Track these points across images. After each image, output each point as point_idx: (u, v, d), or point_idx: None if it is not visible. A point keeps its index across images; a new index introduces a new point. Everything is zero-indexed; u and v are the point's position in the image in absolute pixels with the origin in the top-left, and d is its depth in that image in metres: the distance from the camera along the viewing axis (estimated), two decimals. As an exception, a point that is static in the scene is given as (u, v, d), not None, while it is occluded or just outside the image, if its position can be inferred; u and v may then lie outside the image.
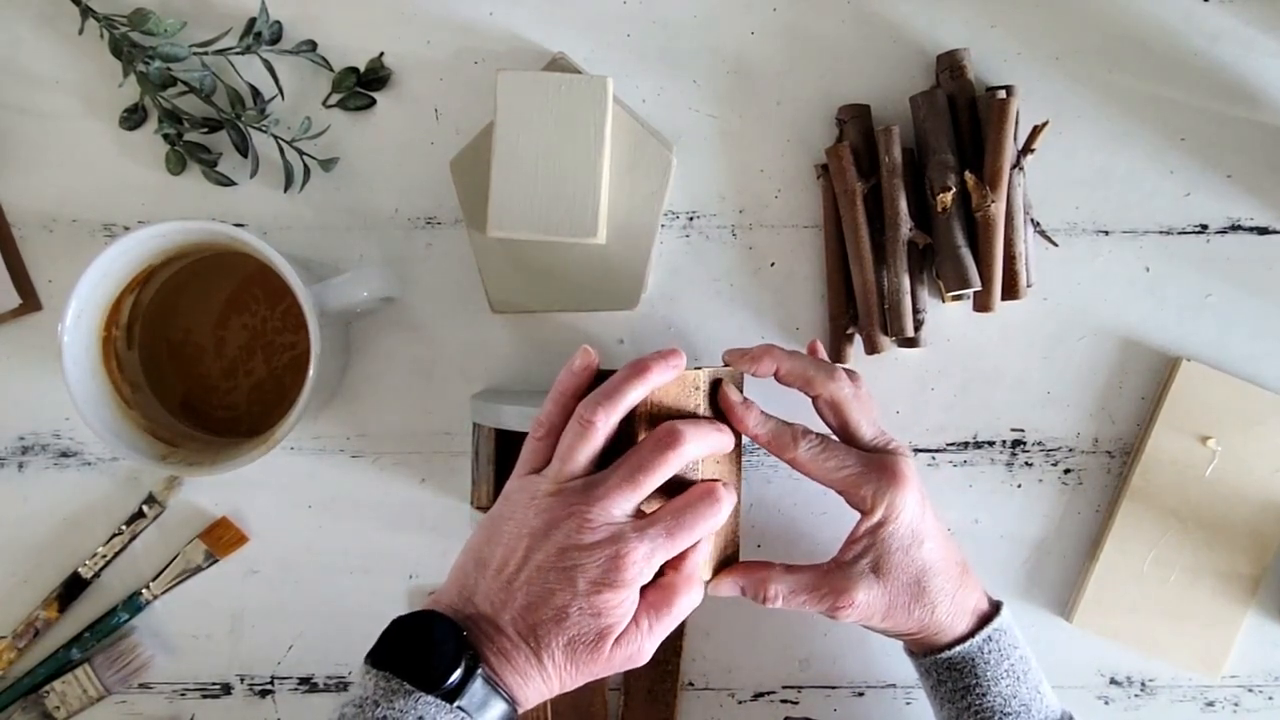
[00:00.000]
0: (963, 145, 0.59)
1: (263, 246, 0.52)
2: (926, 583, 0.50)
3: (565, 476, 0.46)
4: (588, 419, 0.45)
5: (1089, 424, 0.62)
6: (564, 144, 0.54)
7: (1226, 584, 0.61)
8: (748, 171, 0.61)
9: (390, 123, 0.61)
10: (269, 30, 0.59)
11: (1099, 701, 0.63)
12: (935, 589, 0.50)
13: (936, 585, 0.50)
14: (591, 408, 0.46)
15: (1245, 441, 0.60)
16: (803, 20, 0.61)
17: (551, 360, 0.62)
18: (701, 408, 0.50)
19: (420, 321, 0.62)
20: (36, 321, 0.61)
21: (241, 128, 0.59)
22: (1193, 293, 0.62)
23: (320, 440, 0.62)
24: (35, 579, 0.62)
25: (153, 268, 0.57)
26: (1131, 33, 0.61)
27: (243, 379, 0.61)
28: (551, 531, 0.44)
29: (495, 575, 0.45)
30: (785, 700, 0.63)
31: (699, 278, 0.62)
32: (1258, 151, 0.61)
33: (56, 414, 0.62)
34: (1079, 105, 0.61)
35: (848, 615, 0.50)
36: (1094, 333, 0.62)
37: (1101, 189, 0.61)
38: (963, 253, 0.58)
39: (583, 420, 0.46)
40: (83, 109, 0.61)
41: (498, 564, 0.45)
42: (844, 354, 0.61)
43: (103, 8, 0.59)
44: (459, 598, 0.46)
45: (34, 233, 0.61)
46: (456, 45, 0.61)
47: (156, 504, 0.61)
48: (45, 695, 0.61)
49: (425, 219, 0.62)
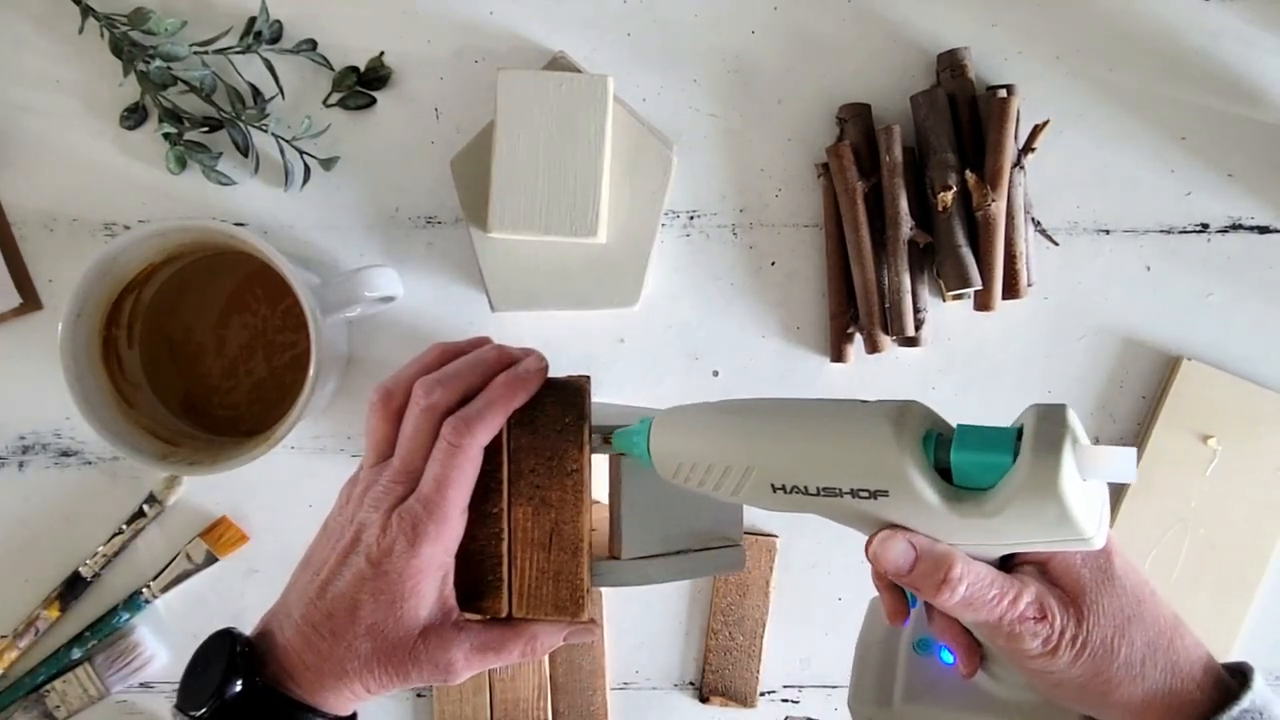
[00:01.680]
0: (963, 144, 0.59)
1: (263, 246, 0.52)
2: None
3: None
4: (455, 442, 0.42)
5: (1090, 423, 0.62)
6: (564, 143, 0.54)
7: (1227, 583, 0.61)
8: (748, 170, 0.61)
9: (390, 122, 0.61)
10: (269, 29, 0.59)
11: (1100, 701, 0.63)
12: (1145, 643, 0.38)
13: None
14: (461, 430, 0.42)
15: (1246, 441, 0.60)
16: (803, 19, 0.61)
17: (552, 359, 0.62)
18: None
19: (420, 321, 0.62)
20: (37, 321, 0.61)
21: (242, 127, 0.59)
22: (1193, 292, 0.62)
23: (320, 440, 0.62)
24: (36, 578, 0.62)
25: (153, 267, 0.57)
26: (1132, 31, 0.61)
27: (243, 378, 0.61)
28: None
29: (313, 576, 0.43)
30: (785, 700, 0.63)
31: (699, 277, 0.62)
32: (1259, 150, 0.61)
33: (57, 413, 0.62)
34: (1080, 104, 0.61)
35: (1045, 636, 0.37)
36: (1095, 332, 0.62)
37: (1102, 188, 0.61)
38: (963, 252, 0.58)
39: (451, 442, 0.42)
40: (83, 108, 0.61)
41: (315, 564, 0.44)
42: (845, 353, 0.61)
43: (103, 7, 0.59)
44: (281, 601, 0.44)
45: (34, 232, 0.61)
46: (457, 44, 0.61)
47: (157, 503, 0.61)
48: (46, 694, 0.61)
49: (426, 218, 0.62)
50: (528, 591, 0.44)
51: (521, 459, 0.44)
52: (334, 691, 0.42)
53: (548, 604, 0.44)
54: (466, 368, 0.44)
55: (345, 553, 0.42)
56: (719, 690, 0.62)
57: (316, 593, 0.42)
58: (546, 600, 0.44)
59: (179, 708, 0.41)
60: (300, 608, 0.42)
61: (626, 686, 0.63)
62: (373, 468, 0.44)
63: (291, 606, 0.43)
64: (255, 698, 0.41)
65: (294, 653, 0.42)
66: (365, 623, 0.41)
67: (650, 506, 0.46)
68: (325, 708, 0.42)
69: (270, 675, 0.41)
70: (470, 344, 0.47)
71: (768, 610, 0.62)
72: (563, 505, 0.43)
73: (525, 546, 0.44)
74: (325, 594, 0.42)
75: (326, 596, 0.42)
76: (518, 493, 0.44)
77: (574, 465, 0.43)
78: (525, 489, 0.44)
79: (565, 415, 0.44)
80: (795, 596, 0.63)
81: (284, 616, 0.43)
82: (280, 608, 0.44)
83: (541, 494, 0.43)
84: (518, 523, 0.44)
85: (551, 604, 0.44)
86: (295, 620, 0.42)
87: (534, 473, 0.44)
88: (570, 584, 0.43)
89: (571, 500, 0.43)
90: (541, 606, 0.44)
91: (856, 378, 0.62)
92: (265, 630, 0.43)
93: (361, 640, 0.41)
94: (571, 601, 0.43)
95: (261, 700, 0.41)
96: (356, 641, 0.41)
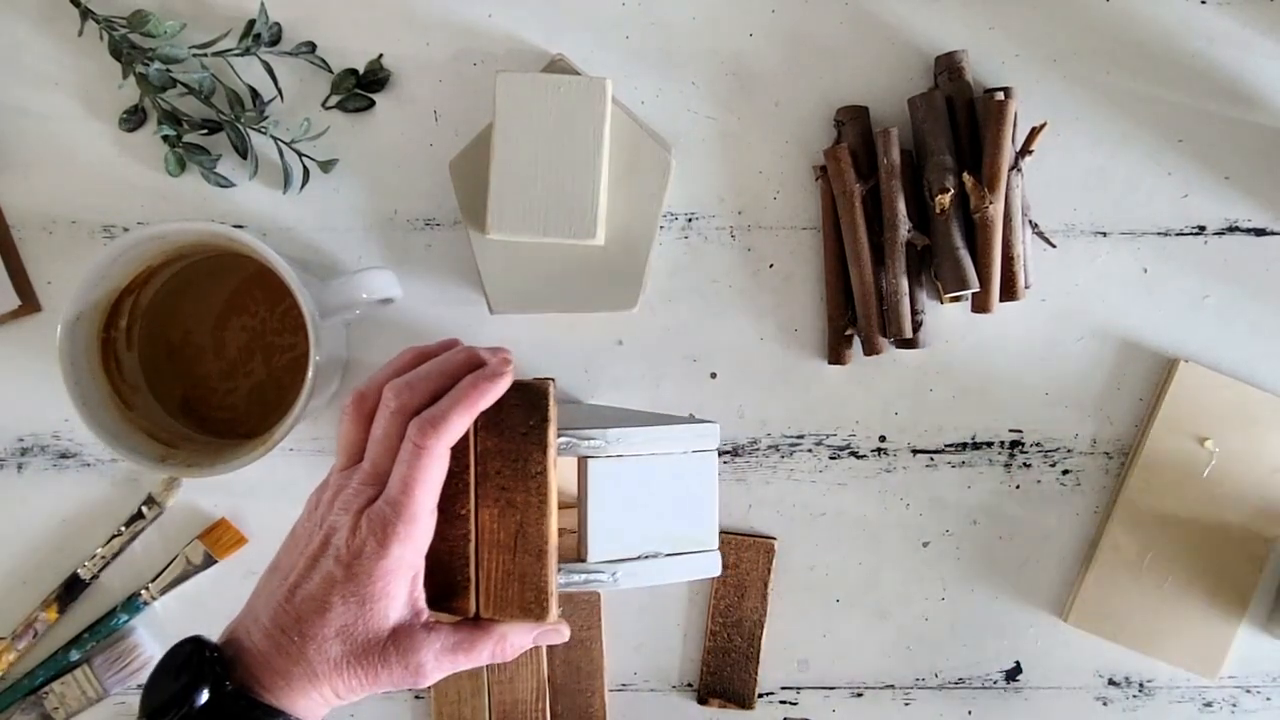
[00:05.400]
0: (961, 147, 0.59)
1: (262, 248, 0.52)
2: None
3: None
4: (419, 443, 0.41)
5: (1087, 425, 0.62)
6: (563, 145, 0.54)
7: (1224, 585, 0.61)
8: (746, 173, 0.62)
9: (389, 124, 0.61)
10: (268, 32, 0.59)
11: (1097, 702, 0.63)
12: None
13: None
14: (426, 431, 0.42)
15: (1243, 442, 0.60)
16: (801, 22, 0.61)
17: (550, 361, 0.62)
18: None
19: (420, 322, 0.62)
20: (36, 323, 0.62)
21: (241, 129, 0.60)
22: (1190, 294, 0.62)
23: (319, 441, 0.62)
24: (34, 580, 0.62)
25: (152, 269, 0.57)
26: (1129, 34, 0.61)
27: (242, 380, 0.61)
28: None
29: (281, 582, 0.43)
30: (785, 701, 0.63)
31: (698, 279, 0.62)
32: (1255, 153, 0.61)
33: (56, 415, 0.62)
34: (1077, 107, 0.61)
35: None
36: (1092, 334, 0.62)
37: (1099, 190, 0.61)
38: (961, 254, 0.58)
39: (417, 444, 0.42)
40: (82, 110, 0.61)
41: (284, 570, 0.43)
42: (843, 355, 0.61)
43: (102, 9, 0.59)
44: (248, 608, 0.44)
45: (33, 234, 0.61)
46: (456, 47, 0.61)
47: (156, 505, 0.61)
48: (45, 696, 0.61)
49: (424, 220, 0.62)
50: (494, 593, 0.44)
51: (488, 461, 0.44)
52: (304, 695, 0.41)
53: (514, 605, 0.44)
54: (435, 370, 0.44)
55: (315, 556, 0.42)
56: (717, 692, 0.62)
57: (285, 596, 0.42)
58: (513, 602, 0.44)
59: (146, 717, 0.40)
60: (268, 612, 0.42)
61: (625, 688, 0.64)
62: (343, 471, 0.44)
63: (259, 611, 0.42)
64: (224, 704, 0.40)
65: (263, 657, 0.41)
66: (335, 625, 0.41)
67: (619, 509, 0.46)
68: (295, 712, 0.41)
69: (238, 681, 0.41)
70: (441, 346, 0.47)
71: (766, 612, 0.62)
72: (527, 508, 0.43)
73: (491, 548, 0.44)
74: (294, 597, 0.42)
75: (295, 599, 0.41)
76: (484, 494, 0.44)
77: (538, 468, 0.43)
78: (491, 491, 0.44)
79: (529, 418, 0.44)
80: (793, 598, 0.63)
81: (251, 622, 0.42)
82: (246, 614, 0.43)
83: (507, 496, 0.43)
84: (484, 524, 0.44)
85: (518, 606, 0.44)
86: (264, 624, 0.42)
87: (499, 475, 0.44)
88: (535, 586, 0.43)
89: (536, 503, 0.43)
90: (508, 608, 0.44)
91: (854, 380, 0.62)
92: (231, 638, 0.43)
93: (332, 642, 0.41)
94: (537, 604, 0.43)
95: (230, 706, 0.40)
96: (326, 644, 0.41)
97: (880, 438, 0.62)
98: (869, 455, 0.62)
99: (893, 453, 0.62)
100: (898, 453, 0.62)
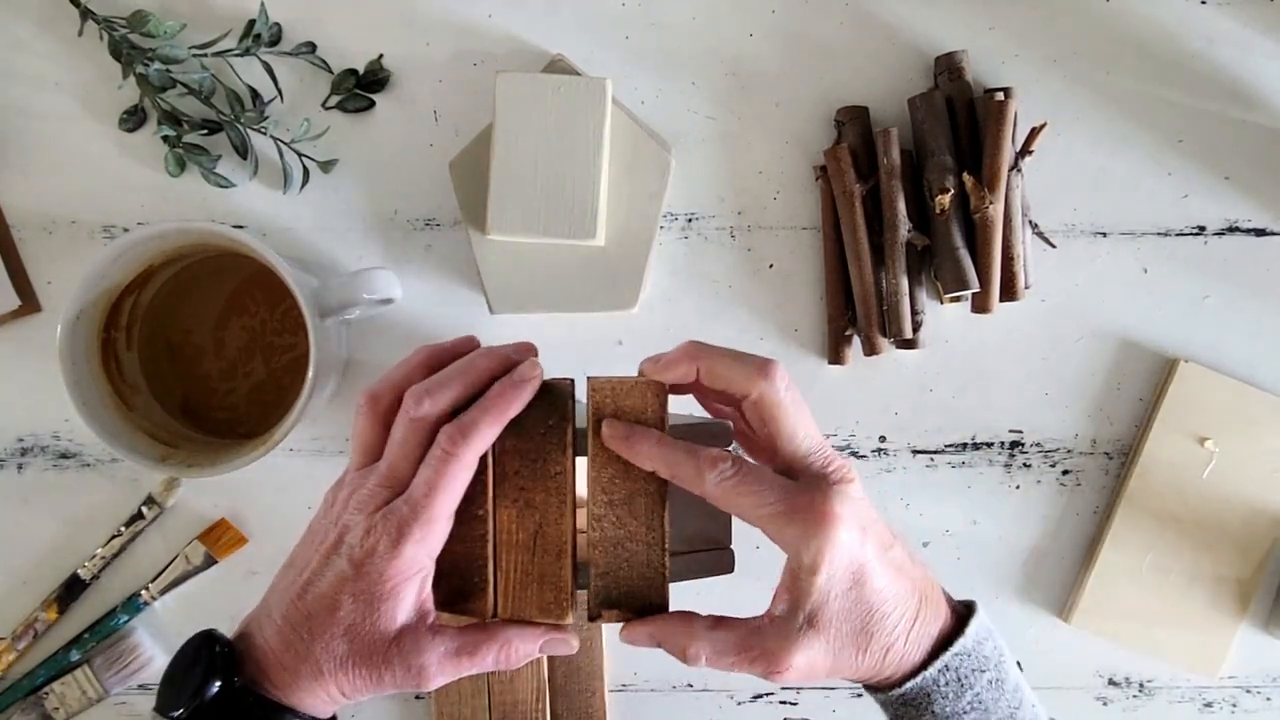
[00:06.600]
0: (961, 147, 0.59)
1: (262, 248, 0.53)
2: (875, 626, 0.42)
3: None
4: (450, 450, 0.41)
5: (1087, 425, 0.62)
6: (563, 146, 0.54)
7: (1224, 585, 0.61)
8: (746, 173, 0.62)
9: (389, 124, 0.61)
10: (268, 32, 0.59)
11: (1097, 702, 0.63)
12: (887, 630, 0.42)
13: (889, 626, 0.42)
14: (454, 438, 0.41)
15: (1243, 443, 0.60)
16: (801, 22, 0.61)
17: (551, 361, 0.62)
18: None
19: (420, 323, 0.62)
20: (36, 323, 0.62)
21: (241, 129, 0.60)
22: (1190, 294, 0.62)
23: (319, 441, 0.62)
24: (35, 580, 0.62)
25: (152, 269, 0.57)
26: (1129, 34, 0.61)
27: (242, 380, 0.61)
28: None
29: (296, 577, 0.43)
30: (784, 701, 0.63)
31: (698, 279, 0.62)
32: (1255, 153, 0.61)
33: (56, 415, 0.62)
34: (1077, 107, 0.61)
35: (785, 679, 0.42)
36: (1092, 334, 0.62)
37: (1099, 190, 0.61)
38: (961, 254, 0.58)
39: (445, 450, 0.41)
40: (82, 110, 0.61)
41: (298, 566, 0.43)
42: (843, 355, 0.61)
43: (102, 10, 0.59)
44: (263, 604, 0.44)
45: (33, 234, 0.61)
46: (455, 47, 0.61)
47: (156, 505, 0.61)
48: (45, 697, 0.61)
49: (424, 220, 0.62)
50: (512, 593, 0.44)
51: (507, 461, 0.44)
52: (310, 693, 0.42)
53: (532, 606, 0.44)
54: (456, 375, 0.44)
55: (328, 554, 0.42)
56: (613, 601, 0.58)
57: (298, 593, 0.42)
58: (531, 602, 0.44)
59: (158, 710, 0.41)
60: (281, 608, 0.42)
61: (625, 689, 0.64)
62: (359, 471, 0.44)
63: (272, 607, 0.43)
64: (234, 699, 0.40)
65: (272, 654, 0.42)
66: (344, 623, 0.41)
67: None
68: (303, 709, 0.42)
69: (248, 676, 0.41)
70: (457, 345, 0.46)
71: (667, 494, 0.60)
72: (546, 508, 0.43)
73: (510, 549, 0.44)
74: (306, 594, 0.42)
75: (307, 597, 0.42)
76: (503, 495, 0.44)
77: (558, 468, 0.43)
78: (510, 491, 0.44)
79: (549, 418, 0.44)
80: (793, 598, 0.63)
81: (264, 618, 0.43)
82: (261, 610, 0.44)
83: (526, 496, 0.43)
84: (503, 525, 0.44)
85: (536, 606, 0.44)
86: (276, 621, 0.42)
87: (519, 475, 0.44)
88: (554, 586, 0.43)
89: (555, 503, 0.43)
90: (526, 608, 0.44)
91: (854, 380, 0.62)
92: (245, 632, 0.43)
93: (338, 641, 0.41)
94: (556, 604, 0.43)
95: (240, 701, 0.41)
96: (333, 642, 0.41)
97: (880, 438, 0.62)
98: (869, 455, 0.62)
99: (892, 453, 0.62)
100: (897, 453, 0.62)
